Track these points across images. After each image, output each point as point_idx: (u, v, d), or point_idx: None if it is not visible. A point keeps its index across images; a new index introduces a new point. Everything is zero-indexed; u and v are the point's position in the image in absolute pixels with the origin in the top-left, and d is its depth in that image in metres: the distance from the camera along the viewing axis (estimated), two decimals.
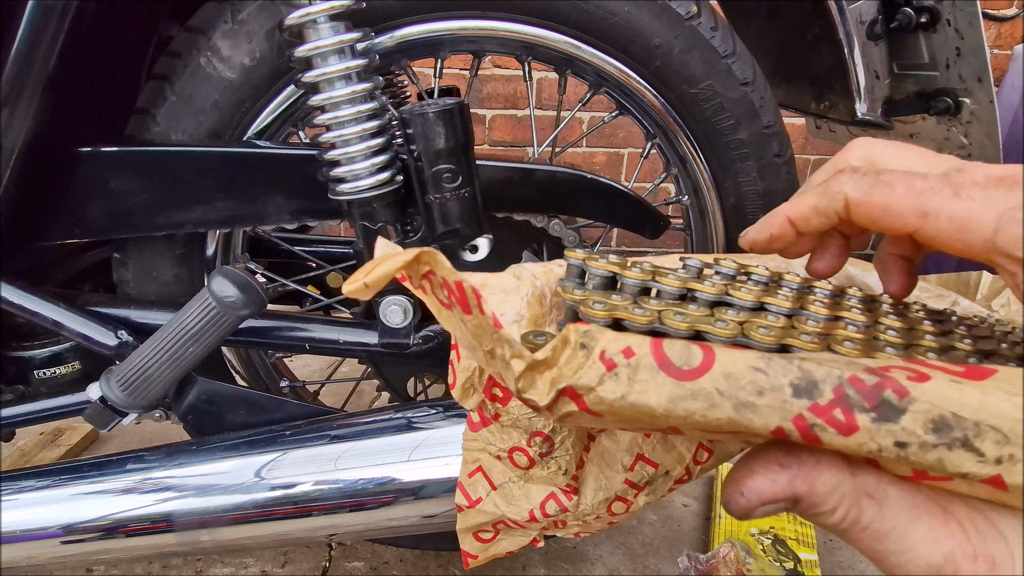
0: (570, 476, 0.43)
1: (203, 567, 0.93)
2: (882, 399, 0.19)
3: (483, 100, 1.83)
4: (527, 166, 0.61)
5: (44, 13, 0.46)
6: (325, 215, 0.59)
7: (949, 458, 0.19)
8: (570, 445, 0.42)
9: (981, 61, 0.57)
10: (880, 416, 0.19)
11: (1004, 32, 1.80)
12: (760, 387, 0.20)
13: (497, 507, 0.45)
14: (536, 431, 0.42)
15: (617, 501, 0.44)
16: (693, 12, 0.57)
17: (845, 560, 0.96)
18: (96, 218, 0.56)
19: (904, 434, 0.19)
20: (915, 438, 0.19)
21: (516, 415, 0.41)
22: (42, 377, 0.61)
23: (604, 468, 0.44)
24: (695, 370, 0.20)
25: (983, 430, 0.19)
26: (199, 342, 0.51)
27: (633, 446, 0.43)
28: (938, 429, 0.19)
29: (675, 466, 0.43)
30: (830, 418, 0.19)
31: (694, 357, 0.20)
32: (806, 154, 1.99)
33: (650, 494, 0.44)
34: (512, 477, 0.45)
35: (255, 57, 0.56)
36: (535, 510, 0.44)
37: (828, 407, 0.19)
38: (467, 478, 0.46)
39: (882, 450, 0.19)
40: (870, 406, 0.19)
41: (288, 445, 0.54)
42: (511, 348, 0.23)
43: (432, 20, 0.58)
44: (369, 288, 0.25)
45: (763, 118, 0.61)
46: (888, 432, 0.19)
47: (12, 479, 0.55)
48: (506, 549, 0.49)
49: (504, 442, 0.43)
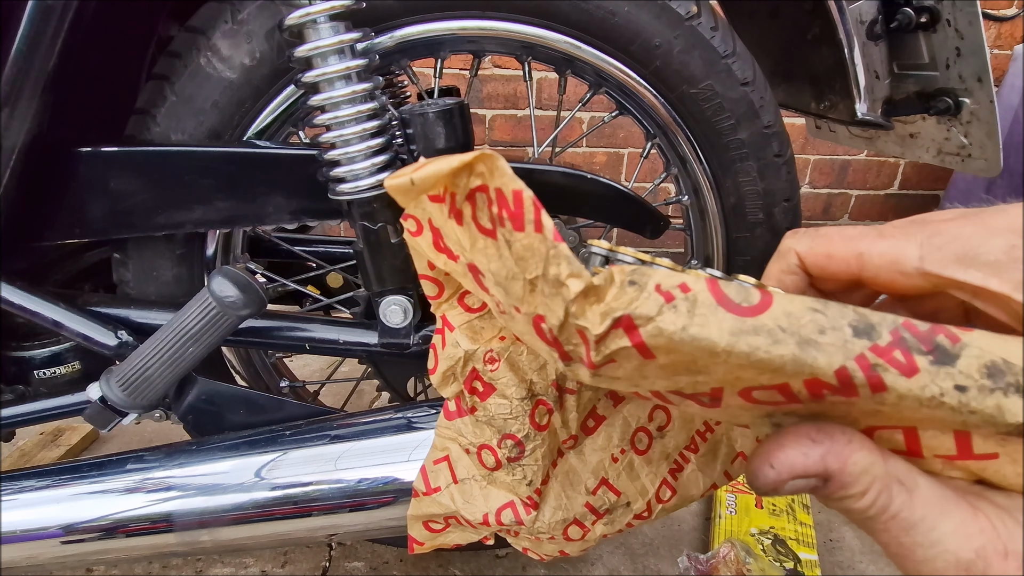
0: (533, 489, 0.42)
1: (203, 567, 0.93)
2: (936, 343, 0.19)
3: (483, 100, 1.83)
4: (527, 166, 0.61)
5: (44, 13, 0.46)
6: (325, 215, 0.59)
7: (1007, 405, 0.19)
8: (540, 456, 0.41)
9: (981, 61, 0.57)
10: (937, 360, 0.19)
11: (1004, 32, 1.80)
12: (821, 326, 0.19)
13: (453, 502, 0.44)
14: (509, 433, 0.41)
15: (574, 525, 0.43)
16: (693, 12, 0.57)
17: (845, 560, 0.96)
18: (96, 218, 0.56)
19: (962, 377, 0.19)
20: (973, 382, 0.19)
21: (492, 412, 0.41)
22: (42, 377, 0.61)
23: (567, 487, 0.43)
24: (754, 307, 0.19)
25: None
26: (199, 342, 0.51)
27: (599, 469, 0.43)
28: (992, 374, 0.19)
29: (637, 498, 0.43)
30: (891, 359, 0.19)
31: (752, 296, 0.20)
32: (806, 154, 1.99)
33: (608, 524, 0.43)
34: (476, 475, 0.44)
35: (255, 57, 0.56)
36: (490, 515, 0.43)
37: (888, 348, 0.19)
38: (432, 464, 0.45)
39: (944, 394, 0.19)
40: (927, 349, 0.19)
41: (288, 445, 0.54)
42: (569, 265, 0.21)
43: (432, 20, 0.58)
44: (415, 186, 0.24)
45: (763, 118, 0.61)
46: (947, 375, 0.19)
47: (12, 479, 0.55)
48: (454, 542, 0.47)
49: (476, 437, 0.42)
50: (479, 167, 0.24)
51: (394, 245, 0.55)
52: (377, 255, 0.56)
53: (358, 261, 0.57)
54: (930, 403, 0.19)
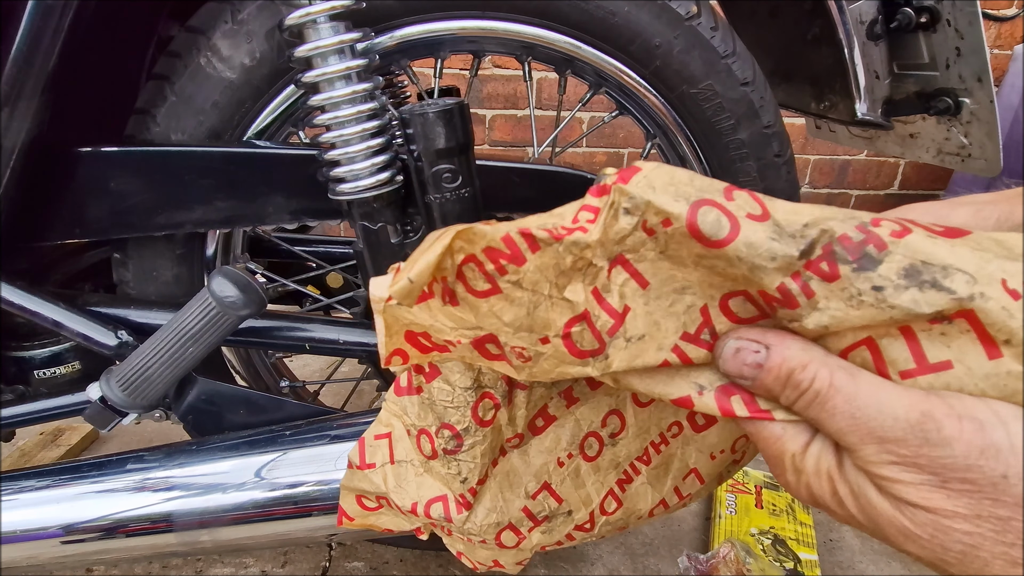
0: (468, 487, 0.40)
1: (203, 567, 0.93)
2: (864, 252, 0.23)
3: (483, 100, 1.83)
4: (527, 166, 0.61)
5: (44, 13, 0.46)
6: (325, 215, 0.59)
7: (921, 298, 0.22)
8: (479, 453, 0.39)
9: (981, 61, 0.57)
10: (860, 267, 0.23)
11: (1004, 32, 1.80)
12: (774, 254, 0.24)
13: (384, 483, 0.41)
14: (447, 423, 0.38)
15: (508, 530, 0.41)
16: (693, 12, 0.57)
17: (845, 560, 0.96)
18: (96, 218, 0.56)
19: (879, 279, 0.23)
20: (889, 282, 0.23)
21: (434, 398, 0.38)
22: (42, 377, 0.61)
23: (506, 489, 0.41)
24: (721, 241, 0.24)
25: (950, 272, 0.22)
26: (199, 342, 0.51)
27: (543, 472, 0.41)
28: (909, 275, 0.23)
29: (580, 507, 0.41)
30: (816, 269, 0.24)
31: (722, 228, 0.24)
32: (806, 154, 1.99)
33: (545, 533, 0.41)
34: (414, 459, 0.41)
35: (255, 57, 0.56)
36: (419, 505, 0.41)
37: (816, 261, 0.24)
38: (372, 439, 0.42)
39: (862, 294, 0.23)
40: (852, 259, 0.23)
41: (288, 445, 0.54)
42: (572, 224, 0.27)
43: (432, 20, 0.58)
44: (414, 283, 0.28)
45: (763, 118, 0.61)
46: (866, 279, 0.23)
47: (12, 479, 0.55)
48: (385, 526, 0.45)
49: (419, 419, 0.40)
50: (458, 244, 0.28)
51: (394, 245, 0.55)
52: (377, 255, 0.56)
53: (358, 261, 0.57)
54: (851, 302, 0.24)
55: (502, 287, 0.28)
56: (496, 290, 0.28)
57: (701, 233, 0.25)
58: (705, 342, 0.28)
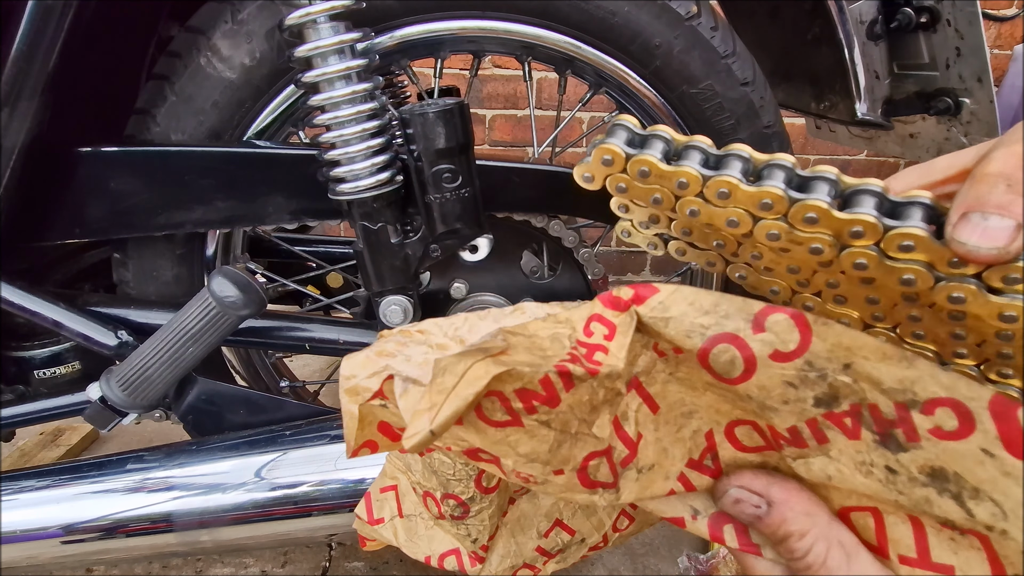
0: (479, 546, 0.39)
1: (203, 567, 0.93)
2: (890, 434, 0.21)
3: (483, 100, 1.83)
4: (527, 166, 0.61)
5: (44, 13, 0.46)
6: (325, 215, 0.59)
7: (937, 501, 0.21)
8: (487, 516, 0.38)
9: (981, 61, 0.57)
10: (882, 442, 0.21)
11: (1004, 32, 1.80)
12: (787, 399, 0.23)
13: (396, 537, 0.41)
14: (450, 494, 0.37)
15: (524, 568, 0.40)
16: (693, 12, 0.57)
17: None
18: (96, 218, 0.56)
19: (897, 465, 0.21)
20: (905, 472, 0.21)
21: (436, 466, 0.37)
22: (42, 377, 0.61)
23: (518, 533, 0.40)
24: (733, 380, 0.23)
25: (982, 499, 0.20)
26: (199, 342, 0.51)
27: (553, 511, 0.40)
28: (934, 476, 0.21)
29: (593, 533, 0.40)
30: (839, 422, 0.22)
31: (736, 368, 0.23)
32: (806, 154, 1.99)
33: (560, 561, 0.41)
34: (422, 513, 0.40)
35: (255, 57, 0.56)
36: (433, 558, 0.40)
37: (840, 415, 0.22)
38: (378, 492, 0.41)
39: (873, 465, 0.22)
40: (877, 431, 0.21)
41: (288, 445, 0.54)
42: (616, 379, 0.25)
43: (432, 20, 0.58)
44: (435, 435, 0.22)
45: (763, 118, 0.61)
46: (883, 455, 0.21)
47: (12, 479, 0.55)
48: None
49: (424, 479, 0.38)
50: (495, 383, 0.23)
51: (394, 245, 0.55)
52: (377, 255, 0.56)
53: (358, 261, 0.57)
54: (861, 468, 0.22)
55: (525, 424, 0.25)
56: (516, 423, 0.25)
57: (712, 369, 0.23)
58: (708, 468, 0.27)
